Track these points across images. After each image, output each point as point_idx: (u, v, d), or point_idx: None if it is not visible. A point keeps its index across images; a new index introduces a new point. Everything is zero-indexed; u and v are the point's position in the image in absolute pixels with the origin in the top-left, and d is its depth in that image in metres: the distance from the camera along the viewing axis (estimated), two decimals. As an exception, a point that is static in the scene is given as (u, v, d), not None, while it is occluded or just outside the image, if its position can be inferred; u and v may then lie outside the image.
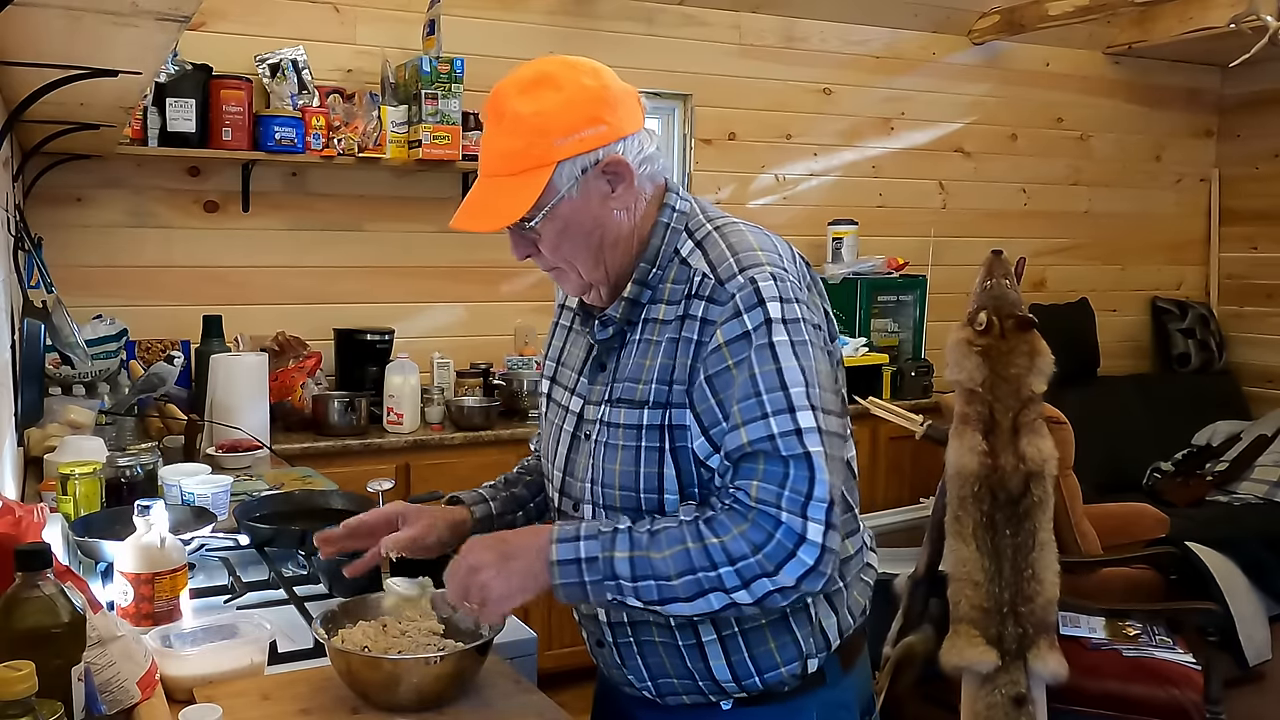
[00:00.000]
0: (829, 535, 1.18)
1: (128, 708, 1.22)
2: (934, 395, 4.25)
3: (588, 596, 1.22)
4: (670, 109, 4.41)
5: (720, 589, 1.17)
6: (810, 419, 1.19)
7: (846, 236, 4.45)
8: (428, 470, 3.36)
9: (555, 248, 1.30)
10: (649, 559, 1.19)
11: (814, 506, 1.17)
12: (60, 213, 3.41)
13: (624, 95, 1.29)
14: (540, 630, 2.19)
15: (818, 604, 1.32)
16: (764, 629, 1.30)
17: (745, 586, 1.17)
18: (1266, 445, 4.67)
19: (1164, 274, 5.56)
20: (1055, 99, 5.12)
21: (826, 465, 1.19)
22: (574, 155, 1.24)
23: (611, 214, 1.29)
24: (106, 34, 1.33)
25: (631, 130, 1.28)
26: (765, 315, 1.21)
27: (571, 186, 1.25)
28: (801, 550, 1.16)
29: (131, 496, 1.93)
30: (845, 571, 1.35)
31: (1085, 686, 2.68)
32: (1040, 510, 2.39)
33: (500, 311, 4.00)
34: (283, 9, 3.64)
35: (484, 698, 1.35)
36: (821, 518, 1.17)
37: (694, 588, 1.18)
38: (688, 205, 1.35)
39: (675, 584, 1.18)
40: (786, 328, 1.21)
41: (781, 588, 1.17)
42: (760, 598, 1.18)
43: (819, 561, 1.17)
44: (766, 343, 1.21)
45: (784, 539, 1.16)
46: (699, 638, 1.30)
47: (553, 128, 1.23)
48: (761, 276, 1.23)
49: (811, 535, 1.17)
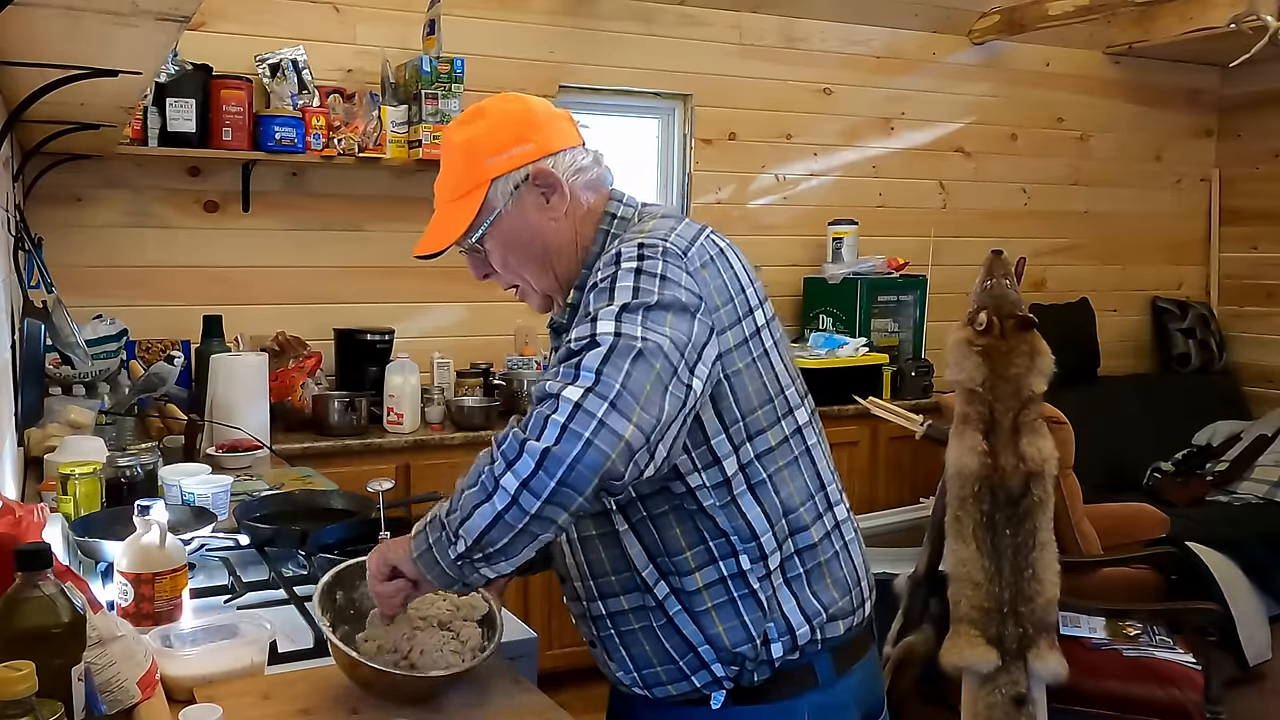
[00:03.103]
0: (589, 399, 1.09)
1: (128, 708, 1.22)
2: (934, 395, 4.25)
3: (438, 563, 1.19)
4: (670, 109, 4.41)
5: (495, 482, 1.12)
6: (609, 326, 1.15)
7: (846, 236, 4.45)
8: (428, 470, 3.36)
9: (504, 262, 1.42)
10: (456, 490, 1.19)
11: (583, 375, 1.11)
12: (60, 213, 3.41)
13: (550, 117, 1.42)
14: (540, 630, 2.19)
15: (764, 586, 1.32)
16: (710, 612, 1.32)
17: (510, 468, 1.11)
18: (1266, 445, 4.67)
19: (1164, 274, 5.56)
20: (1055, 99, 5.12)
21: (613, 349, 1.13)
22: (505, 172, 1.37)
23: (549, 223, 1.39)
24: (106, 34, 1.33)
25: (561, 146, 1.39)
26: (615, 269, 1.24)
27: (508, 201, 1.37)
28: (558, 413, 1.10)
29: (131, 496, 1.93)
30: (804, 558, 1.35)
31: (1085, 686, 2.68)
32: (1040, 510, 2.39)
33: (500, 311, 4.00)
34: (283, 9, 3.64)
35: (484, 698, 1.35)
36: (586, 384, 1.10)
37: (480, 494, 1.14)
38: (630, 210, 1.42)
39: (468, 494, 1.15)
40: (636, 276, 1.22)
41: (539, 456, 1.09)
42: (528, 479, 1.10)
43: (572, 419, 1.09)
44: (606, 287, 1.22)
45: (545, 408, 1.12)
46: (668, 615, 1.33)
47: (483, 149, 1.38)
48: (628, 246, 1.27)
49: (568, 394, 1.10)
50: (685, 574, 1.32)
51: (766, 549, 1.32)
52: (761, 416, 1.32)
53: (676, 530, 1.31)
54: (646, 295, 1.20)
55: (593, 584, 1.38)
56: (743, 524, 1.31)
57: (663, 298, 1.20)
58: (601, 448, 1.09)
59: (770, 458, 1.33)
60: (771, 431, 1.33)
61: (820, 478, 1.40)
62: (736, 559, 1.32)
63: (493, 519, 1.13)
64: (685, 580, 1.32)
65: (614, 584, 1.36)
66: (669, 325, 1.18)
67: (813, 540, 1.37)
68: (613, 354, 1.13)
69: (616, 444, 1.09)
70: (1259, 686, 3.64)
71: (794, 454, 1.36)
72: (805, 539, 1.36)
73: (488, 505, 1.13)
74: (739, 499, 1.31)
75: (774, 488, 1.33)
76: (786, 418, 1.35)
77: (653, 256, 1.24)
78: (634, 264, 1.24)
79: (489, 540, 1.15)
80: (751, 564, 1.32)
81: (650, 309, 1.18)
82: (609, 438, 1.09)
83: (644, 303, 1.19)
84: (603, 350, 1.13)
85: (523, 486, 1.11)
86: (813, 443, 1.39)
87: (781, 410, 1.35)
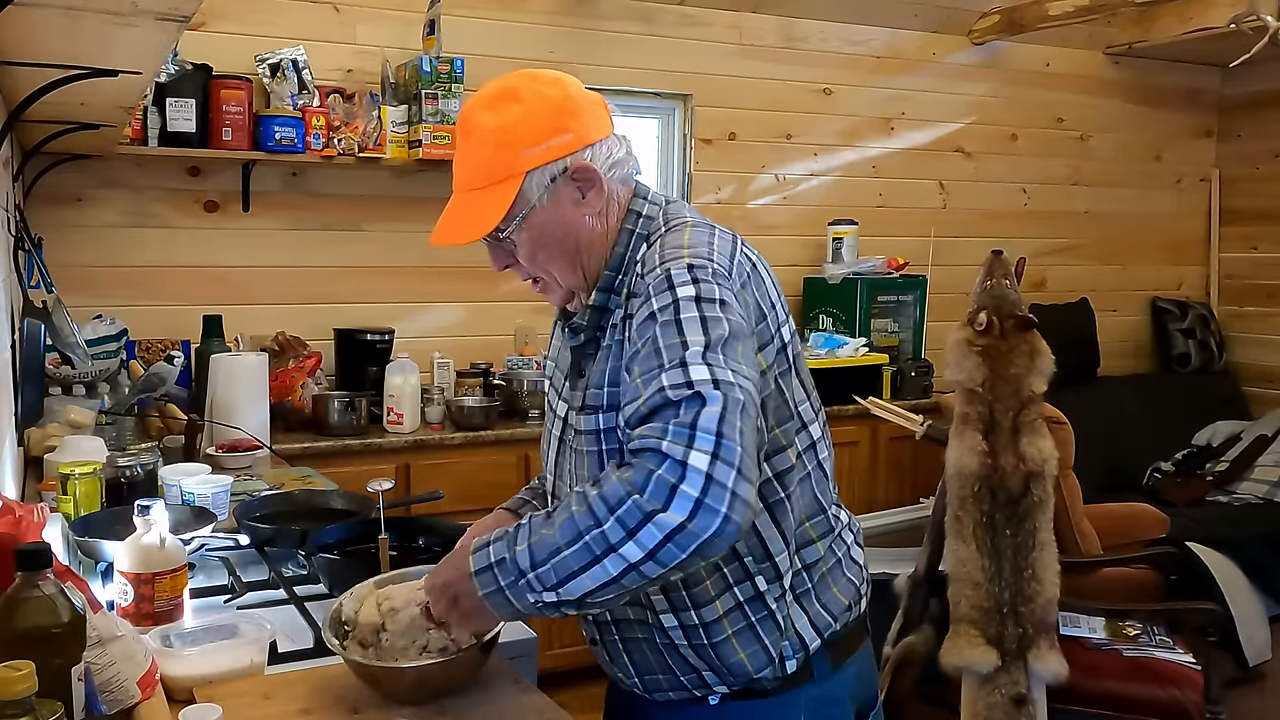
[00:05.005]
0: (717, 467, 1.04)
1: (128, 708, 1.22)
2: (934, 395, 4.25)
3: (512, 604, 1.15)
4: (670, 109, 4.41)
5: (609, 548, 1.07)
6: (704, 372, 1.10)
7: (846, 236, 4.45)
8: (428, 470, 3.36)
9: (531, 257, 1.33)
10: (544, 540, 1.12)
11: (701, 438, 1.06)
12: (60, 213, 3.41)
13: (589, 103, 1.33)
14: (540, 630, 2.19)
15: (780, 606, 1.31)
16: (730, 640, 1.30)
17: (631, 537, 1.06)
18: (1266, 445, 4.67)
19: (1164, 274, 5.56)
20: (1055, 99, 5.12)
21: (725, 407, 1.08)
22: (542, 164, 1.28)
23: (584, 220, 1.31)
24: (106, 34, 1.33)
25: (599, 136, 1.31)
26: (674, 297, 1.18)
27: (542, 195, 1.28)
28: (686, 482, 1.04)
29: (131, 496, 1.93)
30: (812, 572, 1.35)
31: (1085, 686, 2.68)
32: (1040, 510, 2.39)
33: (500, 311, 4.00)
34: (283, 9, 3.64)
35: (484, 698, 1.35)
36: (709, 448, 1.05)
37: (585, 555, 1.08)
38: (655, 209, 1.36)
39: (567, 556, 1.09)
40: (698, 305, 1.17)
41: (671, 531, 1.04)
42: (654, 550, 1.05)
43: (707, 493, 1.04)
44: (672, 319, 1.16)
45: (666, 473, 1.05)
46: (673, 640, 1.31)
47: (518, 139, 1.27)
48: (676, 266, 1.21)
49: (695, 462, 1.04)
50: (704, 605, 1.29)
51: (781, 568, 1.31)
52: (780, 435, 1.30)
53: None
54: (717, 327, 1.15)
55: None
56: (758, 543, 1.29)
57: (731, 327, 1.16)
58: (736, 520, 1.05)
59: (788, 477, 1.31)
60: (789, 450, 1.31)
61: (830, 492, 1.39)
62: (752, 581, 1.30)
63: (605, 583, 1.09)
64: (704, 612, 1.29)
65: None
66: (742, 358, 1.15)
67: (820, 554, 1.36)
68: (726, 412, 1.07)
69: (746, 512, 1.06)
70: (1259, 686, 3.64)
71: (807, 470, 1.34)
72: (813, 554, 1.35)
73: (598, 569, 1.08)
74: (756, 520, 1.26)
75: (790, 506, 1.31)
76: (801, 434, 1.33)
77: (707, 280, 1.19)
78: (691, 290, 1.18)
79: (593, 598, 1.11)
80: (768, 584, 1.30)
81: (727, 343, 1.14)
82: (741, 508, 1.05)
83: (721, 336, 1.14)
84: (715, 409, 1.07)
85: (648, 558, 1.06)
86: (824, 457, 1.37)
87: (797, 427, 1.32)
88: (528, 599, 1.13)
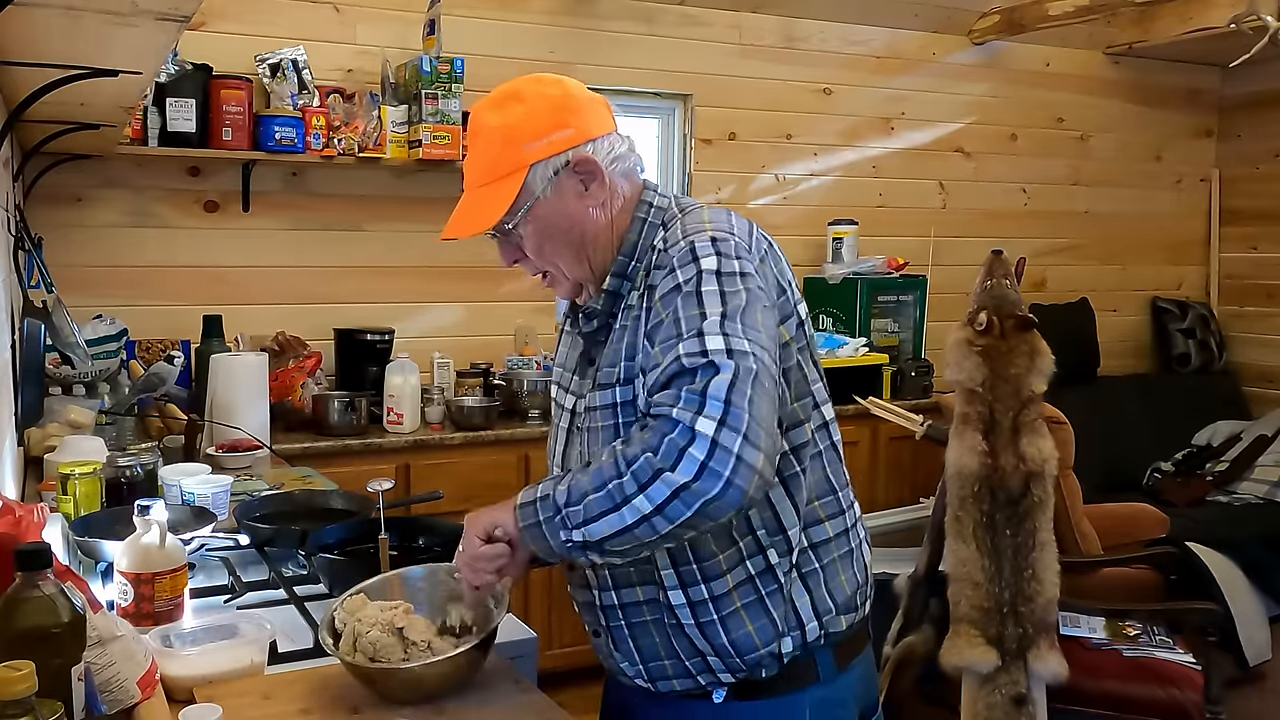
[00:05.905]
0: (723, 433, 1.12)
1: (128, 708, 1.22)
2: (934, 395, 4.25)
3: (546, 539, 1.23)
4: (670, 109, 4.41)
5: (625, 498, 1.16)
6: (719, 342, 1.17)
7: (846, 236, 4.45)
8: (428, 470, 3.36)
9: (538, 249, 1.38)
10: (579, 484, 1.21)
11: (711, 404, 1.13)
12: (60, 213, 3.41)
13: (589, 101, 1.39)
14: (540, 630, 2.19)
15: (791, 582, 1.34)
16: (739, 613, 1.33)
17: (643, 490, 1.15)
18: (1266, 445, 4.67)
19: (1164, 274, 5.56)
20: (1055, 99, 5.12)
21: (737, 375, 1.15)
22: (545, 158, 1.34)
23: (588, 211, 1.37)
24: (106, 34, 1.33)
25: (600, 132, 1.37)
26: (697, 269, 1.25)
27: (546, 187, 1.34)
28: (694, 446, 1.12)
29: (131, 496, 1.93)
30: (819, 553, 1.37)
31: (1085, 686, 2.67)
32: (1040, 510, 2.39)
33: (500, 311, 4.00)
34: (283, 9, 3.64)
35: (484, 698, 1.35)
36: (717, 415, 1.13)
37: (607, 502, 1.17)
38: (665, 200, 1.41)
39: (592, 500, 1.19)
40: (719, 279, 1.23)
41: (677, 489, 1.12)
42: (661, 505, 1.14)
43: (711, 457, 1.12)
44: (694, 290, 1.23)
45: (677, 437, 1.13)
46: (679, 620, 1.34)
47: (521, 134, 1.34)
48: (700, 239, 1.28)
49: (702, 428, 1.12)
50: (716, 578, 1.32)
51: (793, 542, 1.34)
52: (799, 409, 1.35)
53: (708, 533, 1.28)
54: (736, 297, 1.22)
55: (606, 573, 1.37)
56: (772, 516, 1.33)
57: (749, 296, 1.23)
58: (740, 485, 1.12)
59: (803, 451, 1.35)
60: (807, 425, 1.36)
61: (843, 475, 1.43)
62: (765, 554, 1.33)
63: (620, 530, 1.18)
64: (715, 585, 1.32)
65: (631, 574, 1.36)
66: (761, 326, 1.22)
67: (828, 535, 1.38)
68: (736, 380, 1.15)
69: (752, 478, 1.13)
70: (1259, 686, 3.64)
71: (819, 448, 1.38)
72: (821, 533, 1.38)
73: (615, 516, 1.17)
74: (771, 492, 1.31)
75: (804, 481, 1.35)
76: (815, 412, 1.38)
77: (728, 254, 1.25)
78: (714, 262, 1.24)
79: (611, 543, 1.19)
80: (779, 558, 1.33)
81: (745, 311, 1.21)
82: (746, 473, 1.12)
83: (739, 306, 1.21)
84: (726, 377, 1.15)
85: (656, 511, 1.15)
86: (836, 439, 1.42)
87: (812, 405, 1.37)
88: (560, 536, 1.22)
